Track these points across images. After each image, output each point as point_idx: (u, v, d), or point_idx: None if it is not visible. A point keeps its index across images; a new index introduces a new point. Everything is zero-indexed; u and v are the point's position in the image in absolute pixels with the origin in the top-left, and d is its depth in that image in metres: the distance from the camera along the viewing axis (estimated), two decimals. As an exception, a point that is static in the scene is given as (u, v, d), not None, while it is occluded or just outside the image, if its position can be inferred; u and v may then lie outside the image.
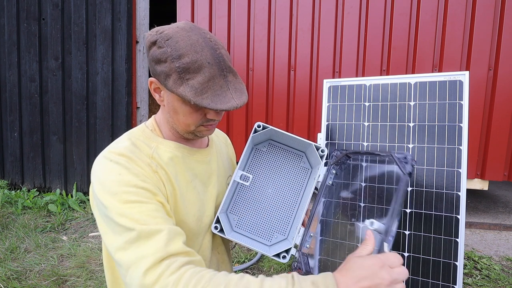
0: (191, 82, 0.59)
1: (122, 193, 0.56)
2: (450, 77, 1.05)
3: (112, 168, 0.59)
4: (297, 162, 0.92)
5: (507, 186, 3.96)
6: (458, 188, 1.00)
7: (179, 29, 0.61)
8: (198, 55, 0.59)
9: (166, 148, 0.70)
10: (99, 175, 0.60)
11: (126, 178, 0.58)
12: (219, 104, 0.60)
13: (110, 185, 0.57)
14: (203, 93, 0.60)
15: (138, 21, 2.95)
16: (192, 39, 0.60)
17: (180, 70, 0.59)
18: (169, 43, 0.59)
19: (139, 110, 3.05)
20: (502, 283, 1.66)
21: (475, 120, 2.31)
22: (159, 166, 0.65)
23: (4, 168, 3.15)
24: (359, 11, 2.48)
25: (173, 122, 0.69)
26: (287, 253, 0.77)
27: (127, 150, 0.63)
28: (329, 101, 1.22)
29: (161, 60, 0.60)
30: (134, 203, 0.56)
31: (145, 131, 0.71)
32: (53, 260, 1.86)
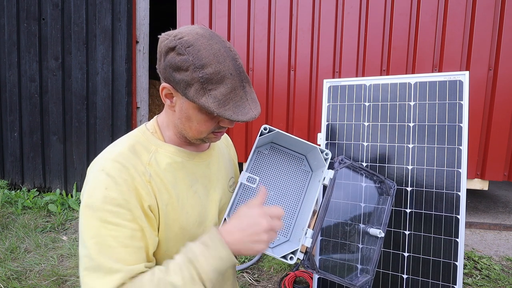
0: (213, 93, 0.59)
1: (103, 211, 0.56)
2: (450, 77, 1.05)
3: (101, 179, 0.59)
4: (298, 165, 0.93)
5: (507, 186, 3.96)
6: (458, 188, 1.00)
7: (199, 36, 0.59)
8: (221, 65, 0.59)
9: (165, 152, 0.69)
10: (89, 183, 0.60)
11: (112, 194, 0.57)
12: (240, 116, 0.61)
13: (95, 199, 0.57)
14: (225, 104, 0.60)
15: (138, 21, 2.95)
16: (214, 48, 0.59)
17: (203, 80, 0.58)
18: (190, 51, 0.58)
19: (139, 110, 3.05)
20: (502, 283, 1.66)
21: (475, 120, 2.31)
22: (155, 174, 0.65)
23: (4, 168, 3.15)
24: (359, 11, 2.48)
25: (184, 129, 0.67)
26: (294, 254, 0.77)
27: (123, 157, 0.62)
28: (329, 101, 1.22)
29: (181, 68, 0.58)
30: (111, 225, 0.56)
31: (146, 133, 0.70)
32: (53, 260, 1.86)
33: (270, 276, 1.75)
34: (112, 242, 0.56)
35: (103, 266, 0.55)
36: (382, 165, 1.09)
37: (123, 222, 0.57)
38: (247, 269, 1.81)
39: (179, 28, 0.63)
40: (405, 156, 1.07)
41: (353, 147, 1.14)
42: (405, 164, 1.07)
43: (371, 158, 1.11)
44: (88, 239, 0.56)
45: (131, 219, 0.58)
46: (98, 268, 0.55)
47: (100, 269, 0.55)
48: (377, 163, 1.10)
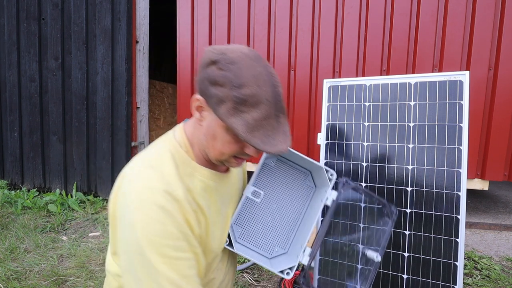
0: (245, 115, 0.56)
1: (163, 246, 0.54)
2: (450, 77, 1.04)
3: (156, 214, 0.55)
4: (302, 180, 0.93)
5: (507, 186, 3.96)
6: (458, 188, 1.00)
7: (244, 55, 0.57)
8: (259, 89, 0.56)
9: (200, 176, 0.66)
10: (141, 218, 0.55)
11: (169, 228, 0.55)
12: (268, 146, 0.57)
13: (152, 234, 0.54)
14: (254, 131, 0.57)
15: (138, 21, 2.95)
16: (257, 70, 0.57)
17: (238, 100, 0.55)
18: (231, 68, 0.55)
19: (139, 110, 3.05)
20: (502, 283, 1.66)
21: (475, 120, 2.31)
22: (195, 200, 0.63)
23: (4, 168, 3.15)
24: (359, 11, 2.48)
25: (207, 146, 0.64)
26: (291, 270, 0.79)
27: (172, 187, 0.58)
28: (329, 101, 1.22)
29: (218, 83, 0.56)
30: (172, 259, 0.55)
31: (180, 153, 0.65)
32: (53, 260, 1.86)
33: (270, 276, 1.75)
34: (173, 275, 0.55)
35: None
36: (382, 165, 1.09)
37: (182, 254, 0.57)
38: (247, 269, 1.80)
39: (227, 44, 0.61)
40: (405, 156, 1.07)
41: (353, 147, 1.14)
42: (405, 164, 1.06)
43: (371, 158, 1.11)
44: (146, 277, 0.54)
45: (189, 249, 0.58)
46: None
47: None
48: (377, 163, 1.10)
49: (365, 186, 1.07)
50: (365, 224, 1.02)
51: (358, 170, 1.13)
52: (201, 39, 2.80)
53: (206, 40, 2.79)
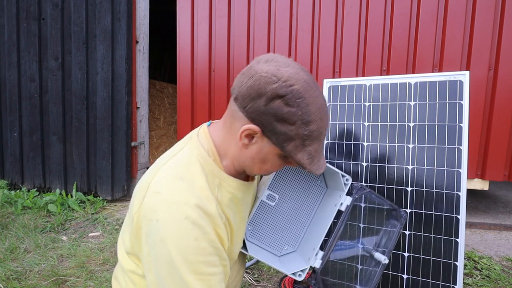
0: (309, 149, 0.58)
1: (197, 263, 0.53)
2: (450, 77, 1.04)
3: (188, 230, 0.53)
4: (314, 180, 0.94)
5: (507, 186, 3.96)
6: (458, 188, 0.99)
7: (307, 85, 0.55)
8: (321, 123, 0.57)
9: (228, 187, 0.64)
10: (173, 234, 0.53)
11: (202, 244, 0.54)
12: (320, 169, 0.62)
13: (185, 251, 0.53)
14: (314, 160, 0.60)
15: (138, 21, 2.95)
16: (319, 102, 0.56)
17: (305, 137, 0.56)
18: (300, 104, 0.54)
19: (139, 110, 3.05)
20: (502, 283, 1.66)
21: (475, 120, 2.31)
22: (223, 213, 0.62)
23: (4, 168, 3.15)
24: (359, 11, 2.48)
25: (251, 167, 0.63)
26: (302, 272, 0.80)
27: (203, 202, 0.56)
28: (329, 101, 1.22)
29: (287, 121, 0.54)
30: (205, 275, 0.54)
31: (208, 162, 0.63)
32: (53, 260, 1.86)
33: (270, 276, 1.75)
34: None
35: None
36: (382, 165, 1.09)
37: (214, 270, 0.56)
38: (247, 269, 1.80)
39: (282, 65, 0.56)
40: (405, 156, 1.07)
41: (353, 147, 1.14)
42: (405, 164, 1.06)
43: (371, 158, 1.11)
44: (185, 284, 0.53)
45: (220, 263, 0.58)
46: None
47: None
48: (377, 163, 1.10)
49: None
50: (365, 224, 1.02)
51: (358, 170, 1.13)
52: (201, 39, 2.80)
53: (206, 40, 2.79)
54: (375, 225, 1.01)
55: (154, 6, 4.86)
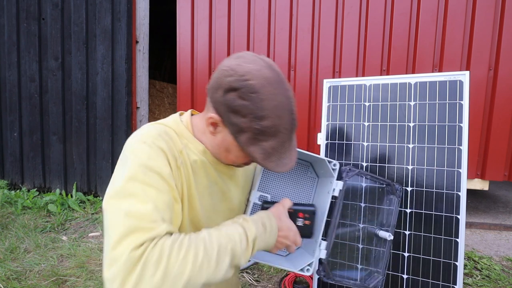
0: (263, 144, 0.60)
1: (146, 175, 0.56)
2: (450, 77, 1.04)
3: (144, 149, 0.59)
4: (304, 172, 0.94)
5: (507, 186, 3.96)
6: (458, 188, 1.00)
7: (266, 82, 0.57)
8: (279, 120, 0.58)
9: (194, 149, 0.68)
10: (131, 153, 0.59)
11: (153, 163, 0.57)
12: (280, 168, 0.63)
13: (138, 164, 0.57)
14: (270, 156, 0.61)
15: (138, 21, 2.95)
16: (277, 100, 0.58)
17: (258, 132, 0.58)
18: (253, 99, 0.56)
19: (139, 110, 3.05)
20: (502, 283, 1.66)
21: (475, 120, 2.31)
22: (184, 164, 0.65)
23: (4, 168, 3.14)
24: (359, 11, 2.48)
25: (218, 154, 0.69)
26: (310, 266, 0.79)
27: (160, 136, 0.62)
28: (329, 101, 1.22)
29: (239, 113, 0.58)
30: (153, 188, 0.55)
31: (180, 125, 0.70)
32: (53, 260, 1.86)
33: (270, 276, 1.75)
34: (154, 200, 0.55)
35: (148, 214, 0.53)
36: (382, 165, 1.09)
37: (162, 189, 0.57)
38: (247, 269, 1.80)
39: (246, 62, 0.59)
40: (405, 156, 1.07)
41: (353, 147, 1.14)
42: (405, 164, 1.06)
43: (371, 158, 1.11)
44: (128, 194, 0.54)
45: (168, 190, 0.58)
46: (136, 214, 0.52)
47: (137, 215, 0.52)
48: (377, 163, 1.10)
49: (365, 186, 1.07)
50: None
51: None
52: (201, 39, 2.80)
53: (206, 40, 2.79)
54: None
55: (154, 6, 4.86)
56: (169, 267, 0.48)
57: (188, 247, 0.52)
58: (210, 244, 0.55)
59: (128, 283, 0.46)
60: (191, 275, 0.50)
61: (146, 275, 0.47)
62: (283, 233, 0.69)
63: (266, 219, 0.66)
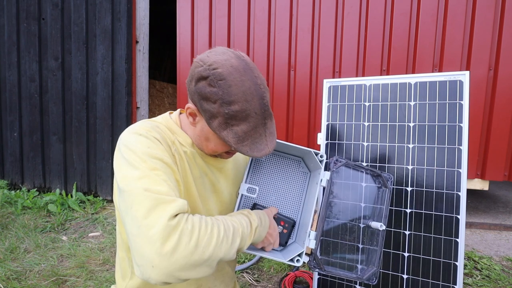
0: (235, 128, 0.63)
1: (151, 161, 0.60)
2: (450, 77, 1.04)
3: (141, 140, 0.63)
4: (296, 168, 0.95)
5: (507, 186, 3.96)
6: (458, 188, 1.00)
7: (233, 69, 0.61)
8: (248, 104, 0.61)
9: (183, 142, 0.74)
10: (129, 145, 0.62)
11: (154, 151, 0.61)
12: (255, 152, 0.65)
13: (140, 154, 0.60)
14: (243, 141, 0.64)
15: (138, 21, 2.95)
16: (245, 85, 0.61)
17: (228, 116, 0.61)
18: (221, 85, 0.60)
19: (139, 110, 3.05)
20: (502, 283, 1.66)
21: (475, 120, 2.31)
22: (177, 152, 0.70)
23: (4, 168, 3.14)
24: (359, 11, 2.48)
25: (200, 144, 0.74)
26: (300, 257, 0.80)
27: (153, 129, 0.67)
28: (329, 101, 1.22)
29: (210, 100, 0.61)
30: (159, 171, 0.60)
31: (169, 121, 0.75)
32: (53, 260, 1.86)
33: (270, 276, 1.75)
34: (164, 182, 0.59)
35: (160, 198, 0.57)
36: (382, 165, 1.09)
37: (168, 173, 0.62)
38: (247, 269, 1.80)
39: (216, 54, 0.63)
40: (405, 156, 1.07)
41: (353, 147, 1.14)
42: (405, 164, 1.07)
43: (371, 158, 1.11)
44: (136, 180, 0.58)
45: (171, 173, 0.63)
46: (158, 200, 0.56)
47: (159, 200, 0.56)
48: (377, 163, 1.10)
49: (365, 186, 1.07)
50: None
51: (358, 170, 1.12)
52: (201, 39, 2.80)
53: (206, 40, 2.79)
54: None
55: (154, 6, 4.86)
56: (200, 238, 0.55)
57: (212, 226, 0.59)
58: (227, 225, 0.62)
59: (168, 245, 0.52)
60: (215, 247, 0.57)
61: (182, 242, 0.53)
62: (271, 230, 0.78)
63: (262, 215, 0.75)
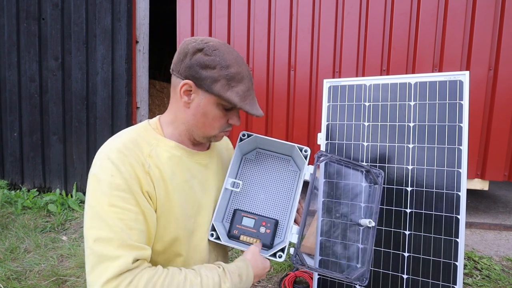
0: (236, 89, 0.69)
1: (111, 196, 0.61)
2: (450, 77, 1.04)
3: (107, 167, 0.63)
4: (286, 166, 0.94)
5: (507, 186, 3.96)
6: (458, 188, 0.99)
7: (221, 44, 0.70)
8: (240, 68, 0.70)
9: (165, 147, 0.73)
10: (97, 171, 0.64)
11: (116, 181, 0.62)
12: (255, 111, 0.72)
13: (103, 184, 0.62)
14: (244, 100, 0.71)
15: (138, 21, 2.95)
16: (234, 54, 0.71)
17: (228, 78, 0.68)
18: (216, 53, 0.68)
19: (139, 110, 3.05)
20: (502, 283, 1.66)
21: (475, 120, 2.31)
22: (154, 166, 0.69)
23: (4, 168, 3.14)
24: (359, 11, 2.48)
25: (196, 125, 0.74)
26: (282, 252, 0.80)
27: (125, 147, 0.66)
28: (329, 101, 1.21)
29: (209, 66, 0.67)
30: (118, 208, 0.60)
31: (147, 128, 0.75)
32: (53, 260, 1.86)
33: (270, 276, 1.75)
34: (118, 223, 0.59)
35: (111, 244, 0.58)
36: (382, 165, 1.09)
37: (130, 207, 0.62)
38: (247, 269, 1.80)
39: (196, 37, 0.73)
40: (405, 156, 1.07)
41: (353, 147, 1.14)
42: (405, 164, 1.07)
43: (371, 158, 1.11)
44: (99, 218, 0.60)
45: (135, 204, 0.63)
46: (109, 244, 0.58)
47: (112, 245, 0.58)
48: (377, 163, 1.10)
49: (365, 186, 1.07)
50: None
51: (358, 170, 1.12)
52: (201, 39, 2.80)
53: (206, 40, 2.79)
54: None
55: (154, 6, 4.86)
56: None
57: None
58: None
59: None
60: None
61: None
62: (259, 273, 0.78)
63: (244, 270, 0.73)
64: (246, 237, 0.85)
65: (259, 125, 2.72)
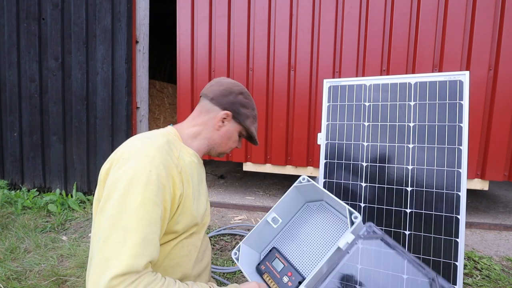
0: (255, 125, 0.98)
1: (141, 203, 0.64)
2: (450, 77, 1.04)
3: (145, 169, 0.67)
4: (342, 228, 0.87)
5: (507, 186, 3.96)
6: (458, 188, 0.99)
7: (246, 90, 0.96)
8: (256, 111, 0.98)
9: (187, 153, 0.85)
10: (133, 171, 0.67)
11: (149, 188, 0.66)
12: (257, 140, 1.01)
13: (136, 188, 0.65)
14: (256, 132, 0.98)
15: (138, 21, 2.95)
16: (253, 99, 0.98)
17: (254, 116, 0.97)
18: (250, 98, 0.95)
19: (139, 110, 3.05)
20: (502, 283, 1.66)
21: (475, 120, 2.31)
22: (182, 167, 0.78)
23: (4, 168, 3.14)
24: (359, 11, 2.48)
25: (219, 144, 0.94)
26: None
27: (164, 150, 0.73)
28: (329, 101, 1.21)
29: (246, 107, 0.93)
30: (145, 220, 0.64)
31: (171, 135, 0.86)
32: (53, 260, 1.86)
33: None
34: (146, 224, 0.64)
35: None
36: (382, 165, 1.09)
37: (153, 218, 0.66)
38: (247, 269, 1.80)
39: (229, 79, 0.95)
40: (405, 156, 1.07)
41: (353, 147, 1.14)
42: (405, 164, 1.06)
43: (371, 158, 1.11)
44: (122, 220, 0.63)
45: (159, 212, 0.68)
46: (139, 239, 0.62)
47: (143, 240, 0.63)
48: (377, 163, 1.10)
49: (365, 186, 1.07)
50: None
51: (358, 170, 1.13)
52: (201, 39, 2.80)
53: (206, 40, 2.79)
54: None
55: (154, 6, 4.86)
56: None
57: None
58: None
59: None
60: None
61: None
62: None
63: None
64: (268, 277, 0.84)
65: (259, 125, 2.73)
